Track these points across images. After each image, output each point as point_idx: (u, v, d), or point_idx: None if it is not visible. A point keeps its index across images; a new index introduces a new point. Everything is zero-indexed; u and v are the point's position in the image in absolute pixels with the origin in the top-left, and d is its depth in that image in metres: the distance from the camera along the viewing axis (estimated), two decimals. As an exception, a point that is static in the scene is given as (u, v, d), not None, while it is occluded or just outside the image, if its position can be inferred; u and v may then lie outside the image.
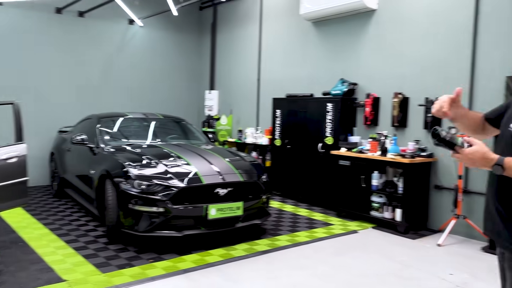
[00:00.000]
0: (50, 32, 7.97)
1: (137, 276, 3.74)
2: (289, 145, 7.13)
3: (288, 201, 7.04)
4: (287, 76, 7.77)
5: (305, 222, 5.72)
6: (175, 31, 9.55)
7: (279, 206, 6.66)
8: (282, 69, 7.90)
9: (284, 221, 5.77)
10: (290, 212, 6.30)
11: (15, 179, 4.57)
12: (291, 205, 6.76)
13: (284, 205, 6.75)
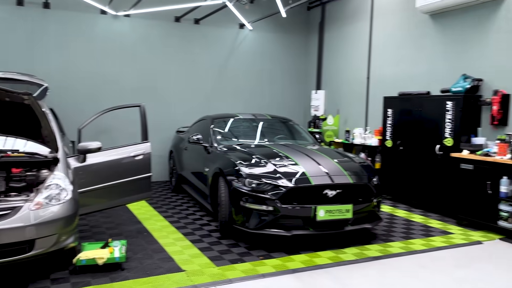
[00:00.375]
0: (170, 39, 8.64)
1: (249, 272, 3.85)
2: (402, 146, 6.74)
3: (400, 206, 6.66)
4: (400, 74, 7.36)
5: (420, 229, 5.34)
6: (282, 33, 9.67)
7: (390, 210, 6.33)
8: (394, 66, 7.51)
9: (396, 227, 5.47)
10: (403, 217, 5.94)
11: (141, 175, 5.04)
12: (403, 210, 6.38)
13: (396, 210, 6.40)
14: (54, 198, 3.66)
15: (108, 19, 8.12)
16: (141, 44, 8.40)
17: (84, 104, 7.81)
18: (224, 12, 8.41)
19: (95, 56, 8.04)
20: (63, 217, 3.63)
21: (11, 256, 3.36)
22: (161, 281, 3.63)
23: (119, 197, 4.91)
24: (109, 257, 3.84)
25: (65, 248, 3.72)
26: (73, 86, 7.83)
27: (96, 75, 8.06)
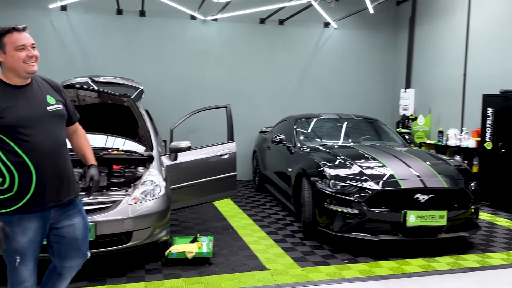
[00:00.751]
0: (254, 41, 8.80)
1: (333, 275, 3.77)
2: (504, 148, 6.14)
3: (500, 213, 6.08)
4: (501, 70, 6.71)
5: (525, 241, 4.83)
6: (369, 30, 9.35)
7: (490, 218, 5.80)
8: (494, 61, 6.87)
9: (497, 236, 5.00)
10: (505, 226, 5.41)
11: (226, 173, 5.19)
12: (505, 218, 5.81)
13: (496, 218, 5.85)
14: (149, 194, 3.91)
15: (197, 24, 8.50)
16: (227, 46, 8.66)
17: (174, 105, 8.25)
18: (308, 11, 8.35)
19: (185, 59, 8.46)
20: (157, 211, 3.86)
21: (112, 246, 3.65)
22: (246, 278, 3.70)
23: (206, 194, 5.11)
24: (197, 251, 4.00)
25: (158, 241, 3.95)
26: (164, 88, 8.32)
27: (185, 77, 8.47)
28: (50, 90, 2.42)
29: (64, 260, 2.46)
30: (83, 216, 2.49)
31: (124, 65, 8.08)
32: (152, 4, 7.91)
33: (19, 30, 2.25)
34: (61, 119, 2.41)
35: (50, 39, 7.75)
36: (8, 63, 2.23)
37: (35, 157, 2.23)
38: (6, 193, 2.21)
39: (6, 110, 2.18)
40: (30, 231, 2.26)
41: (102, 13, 8.00)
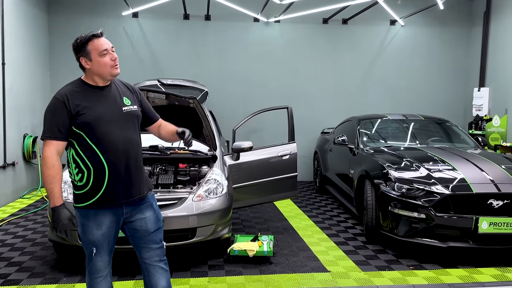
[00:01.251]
0: (317, 41, 8.74)
1: (398, 281, 3.65)
2: None
3: None
4: None
5: None
6: (439, 26, 8.91)
7: None
8: None
9: None
10: None
11: (287, 174, 5.21)
12: None
13: None
14: (212, 192, 4.04)
15: (260, 26, 8.60)
16: (289, 47, 8.68)
17: (237, 106, 8.42)
18: (373, 9, 8.14)
19: (248, 61, 8.60)
20: (220, 209, 3.97)
21: (178, 241, 3.82)
22: (306, 279, 3.70)
23: (267, 194, 5.16)
24: (258, 250, 4.06)
25: (221, 238, 4.07)
26: (228, 90, 8.52)
27: (248, 79, 8.61)
28: (127, 92, 2.55)
29: (141, 252, 2.56)
30: (154, 209, 2.58)
31: (190, 67, 8.39)
32: (216, 8, 8.13)
33: (98, 36, 2.37)
34: (135, 119, 2.51)
35: (123, 45, 8.24)
36: (95, 69, 2.37)
37: (108, 154, 2.36)
38: (83, 189, 2.37)
39: (86, 108, 2.33)
40: (104, 225, 2.41)
41: (170, 18, 8.36)
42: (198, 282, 3.62)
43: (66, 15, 8.15)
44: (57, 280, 3.64)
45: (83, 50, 2.35)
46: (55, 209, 2.31)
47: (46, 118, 2.35)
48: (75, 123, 2.32)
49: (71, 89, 2.38)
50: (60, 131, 2.31)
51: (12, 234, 4.96)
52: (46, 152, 2.31)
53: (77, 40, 2.37)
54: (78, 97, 2.35)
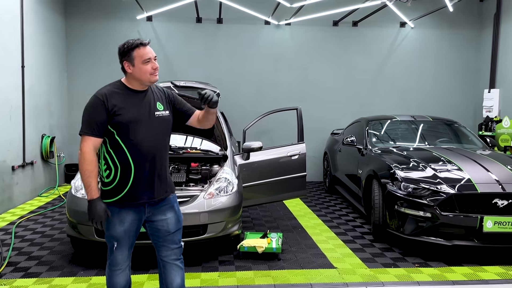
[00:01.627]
0: (327, 43, 8.85)
1: (402, 278, 3.75)
2: None
3: None
4: None
5: None
6: (449, 28, 8.95)
7: None
8: None
9: None
10: None
11: (296, 174, 5.33)
12: None
13: None
14: (223, 190, 4.18)
15: (271, 28, 8.75)
16: (300, 49, 8.81)
17: (249, 107, 8.57)
18: (383, 12, 8.22)
19: (259, 63, 8.75)
20: (230, 207, 4.12)
21: (189, 237, 3.96)
22: (313, 274, 3.82)
23: (277, 193, 5.29)
24: (267, 246, 4.19)
25: (231, 234, 4.20)
26: (239, 91, 8.67)
27: (259, 80, 8.76)
28: (161, 97, 2.64)
29: (160, 250, 2.69)
30: (176, 211, 2.69)
31: (202, 70, 8.57)
32: (228, 11, 8.30)
33: (144, 44, 2.49)
34: (166, 124, 2.62)
35: (137, 48, 8.44)
36: (136, 74, 2.49)
37: (136, 154, 2.47)
38: (109, 185, 2.50)
39: (122, 110, 2.46)
40: (127, 222, 2.54)
41: (183, 21, 8.55)
42: (209, 276, 3.77)
43: (82, 19, 8.39)
44: (74, 274, 3.81)
45: (128, 55, 2.47)
46: (92, 202, 2.45)
47: (85, 115, 2.48)
48: (111, 122, 2.45)
49: (111, 90, 2.51)
50: (98, 129, 2.43)
51: (31, 230, 5.17)
52: (84, 148, 2.43)
53: (124, 45, 2.49)
54: (117, 98, 2.48)
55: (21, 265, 4.02)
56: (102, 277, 3.73)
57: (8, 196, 6.16)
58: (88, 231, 3.89)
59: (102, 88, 2.53)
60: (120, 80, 2.59)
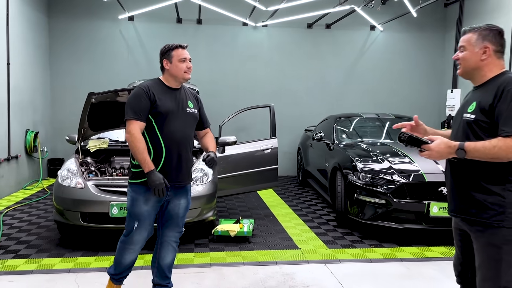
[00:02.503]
0: (302, 45, 9.32)
1: (357, 256, 4.23)
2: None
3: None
4: (547, 70, 6.72)
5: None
6: (416, 31, 9.52)
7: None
8: (540, 61, 6.88)
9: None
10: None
11: (269, 166, 5.78)
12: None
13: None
14: (198, 180, 4.59)
15: (248, 30, 9.17)
16: (276, 50, 9.26)
17: (227, 105, 8.95)
18: (354, 16, 8.72)
19: (237, 62, 9.16)
20: (205, 195, 4.53)
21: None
22: (279, 254, 4.27)
23: (250, 184, 5.72)
24: (239, 231, 4.62)
25: (206, 220, 4.61)
26: (218, 89, 9.06)
27: (237, 79, 9.17)
28: (192, 97, 3.06)
29: (165, 230, 3.04)
30: (188, 198, 3.06)
31: (182, 68, 8.91)
32: (207, 12, 8.68)
33: (183, 47, 2.93)
34: (194, 120, 3.02)
35: (119, 46, 8.76)
36: (172, 70, 2.88)
37: (167, 141, 2.85)
38: (140, 167, 2.80)
39: (161, 101, 2.83)
40: (151, 202, 2.86)
41: (164, 22, 8.90)
42: (185, 256, 4.17)
43: (65, 18, 8.66)
44: (61, 255, 4.17)
45: (168, 54, 2.89)
46: (150, 173, 2.76)
47: (131, 103, 2.83)
48: (151, 111, 2.82)
49: (151, 84, 2.90)
50: (143, 114, 2.80)
51: (18, 219, 5.48)
52: (132, 130, 2.77)
53: (166, 46, 2.92)
54: (156, 90, 2.86)
55: (11, 248, 4.36)
56: (88, 257, 4.10)
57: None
58: (73, 216, 4.26)
59: (144, 82, 2.92)
60: (158, 78, 2.97)
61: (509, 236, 2.00)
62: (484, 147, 1.97)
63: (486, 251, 2.06)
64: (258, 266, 3.95)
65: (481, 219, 2.05)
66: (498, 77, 2.12)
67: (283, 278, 3.69)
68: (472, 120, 2.10)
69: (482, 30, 2.13)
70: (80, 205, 4.25)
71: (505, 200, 2.00)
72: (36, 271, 3.75)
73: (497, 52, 2.14)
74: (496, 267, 2.03)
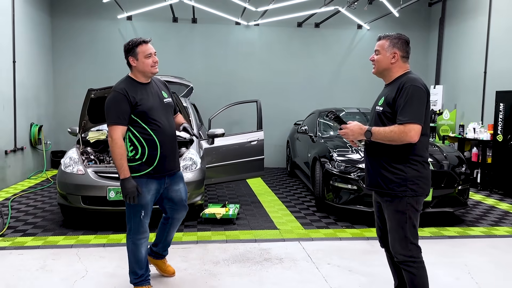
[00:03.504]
0: (292, 43, 9.78)
1: (329, 235, 4.72)
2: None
3: (508, 200, 6.62)
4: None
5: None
6: (401, 30, 9.86)
7: (494, 203, 6.39)
8: (510, 61, 7.33)
9: (489, 216, 5.64)
10: (503, 209, 6.00)
11: (255, 157, 6.26)
12: (508, 203, 6.37)
13: (500, 203, 6.42)
14: (188, 167, 5.07)
15: (241, 28, 9.63)
16: (267, 48, 9.72)
17: (221, 100, 9.44)
18: (342, 15, 9.16)
19: (230, 60, 9.63)
20: (194, 181, 5.01)
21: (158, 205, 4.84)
22: (259, 233, 4.76)
23: (238, 173, 6.21)
24: (224, 213, 5.11)
25: (195, 204, 5.10)
26: (212, 85, 9.54)
27: (230, 76, 9.65)
28: (163, 87, 3.19)
29: (174, 213, 3.32)
30: (184, 183, 3.34)
31: (178, 66, 9.40)
32: (202, 12, 9.14)
33: (146, 42, 2.99)
34: (172, 109, 3.19)
35: (118, 45, 9.23)
36: (140, 67, 2.97)
37: (160, 136, 2.98)
38: (138, 161, 2.98)
39: (141, 101, 2.94)
40: (152, 191, 3.05)
41: (161, 21, 9.37)
42: (175, 235, 4.65)
43: (67, 18, 9.14)
44: (64, 234, 4.67)
45: (133, 51, 2.96)
46: (125, 180, 2.88)
47: (111, 108, 2.90)
48: (134, 112, 2.94)
49: (126, 85, 2.97)
50: (124, 118, 2.90)
51: (24, 204, 5.99)
52: (114, 135, 2.87)
53: (129, 43, 2.98)
54: (133, 91, 2.96)
55: (19, 228, 4.86)
56: (88, 236, 4.59)
57: (1, 177, 6.94)
58: (75, 199, 4.76)
59: (119, 84, 2.97)
60: (128, 75, 3.05)
61: (411, 203, 2.50)
62: (384, 131, 2.46)
63: (394, 217, 2.55)
64: (239, 243, 4.45)
65: (389, 190, 2.54)
66: (402, 76, 2.60)
67: (260, 252, 4.18)
68: (380, 111, 2.60)
69: (393, 39, 2.62)
70: (81, 190, 4.75)
71: (407, 175, 2.50)
72: (42, 246, 4.25)
73: (403, 57, 2.63)
74: (403, 227, 2.52)
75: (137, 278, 3.18)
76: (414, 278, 2.58)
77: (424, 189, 2.55)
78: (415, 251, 2.58)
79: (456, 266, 3.90)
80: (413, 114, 2.43)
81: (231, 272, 3.69)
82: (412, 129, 2.40)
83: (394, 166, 2.53)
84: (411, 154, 2.51)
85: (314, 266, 3.84)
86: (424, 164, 2.56)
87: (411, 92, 2.47)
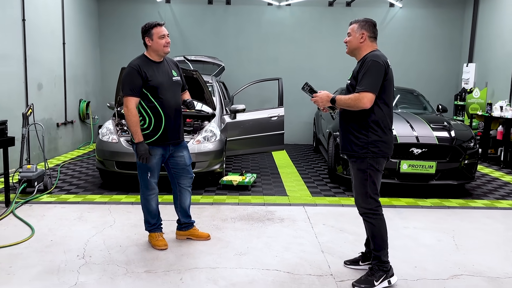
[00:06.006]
0: (323, 22, 9.98)
1: (333, 202, 5.12)
2: (534, 119, 6.61)
3: (526, 178, 6.65)
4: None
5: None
6: (435, 7, 9.84)
7: (510, 179, 6.44)
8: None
9: (499, 191, 5.76)
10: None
11: (275, 131, 6.70)
12: (525, 181, 6.41)
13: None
14: (208, 139, 5.62)
15: (273, 9, 9.95)
16: (298, 27, 9.99)
17: (251, 78, 9.83)
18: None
19: (262, 40, 10.01)
20: (213, 151, 5.56)
21: (182, 171, 5.44)
22: (269, 198, 5.25)
23: (259, 146, 6.69)
24: (240, 181, 5.64)
25: (214, 171, 5.66)
26: (243, 65, 10.00)
27: (261, 55, 10.04)
28: (174, 67, 3.62)
29: (179, 179, 3.72)
30: (187, 151, 3.75)
31: (212, 46, 9.93)
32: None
33: (161, 24, 3.42)
34: (180, 86, 3.61)
35: (157, 27, 9.89)
36: (154, 46, 3.40)
37: (165, 109, 3.41)
38: (144, 131, 3.44)
39: (152, 77, 3.36)
40: (157, 156, 3.51)
41: (197, 3, 9.89)
42: (194, 198, 5.25)
43: (112, 2, 9.89)
44: (101, 193, 5.41)
45: (149, 32, 3.40)
46: (139, 143, 3.36)
47: (126, 81, 3.34)
48: (145, 86, 3.37)
49: (140, 62, 3.40)
50: (137, 90, 3.35)
51: (72, 169, 6.84)
52: (130, 105, 3.32)
53: (146, 25, 3.42)
54: (146, 67, 3.38)
55: (65, 188, 5.67)
56: (120, 195, 5.29)
57: (54, 147, 7.88)
58: (110, 164, 5.47)
59: (134, 61, 3.42)
60: (143, 54, 3.49)
61: (371, 164, 2.87)
62: (345, 98, 2.84)
63: (357, 175, 2.94)
64: (249, 205, 4.96)
65: (354, 152, 2.92)
66: (368, 54, 2.92)
67: (265, 214, 4.67)
68: (349, 84, 2.97)
69: (361, 22, 2.96)
70: (115, 156, 5.44)
71: (368, 139, 2.87)
72: (81, 202, 5.00)
73: (371, 37, 2.96)
74: (364, 184, 2.90)
75: (150, 226, 3.76)
76: (374, 228, 2.97)
77: (384, 152, 2.91)
78: (374, 204, 2.96)
79: (444, 231, 4.19)
80: (368, 84, 2.78)
81: (235, 227, 4.22)
82: (365, 97, 2.77)
83: (359, 131, 2.91)
84: (373, 122, 2.87)
85: (310, 226, 4.28)
86: (385, 131, 2.91)
87: (370, 65, 2.82)
